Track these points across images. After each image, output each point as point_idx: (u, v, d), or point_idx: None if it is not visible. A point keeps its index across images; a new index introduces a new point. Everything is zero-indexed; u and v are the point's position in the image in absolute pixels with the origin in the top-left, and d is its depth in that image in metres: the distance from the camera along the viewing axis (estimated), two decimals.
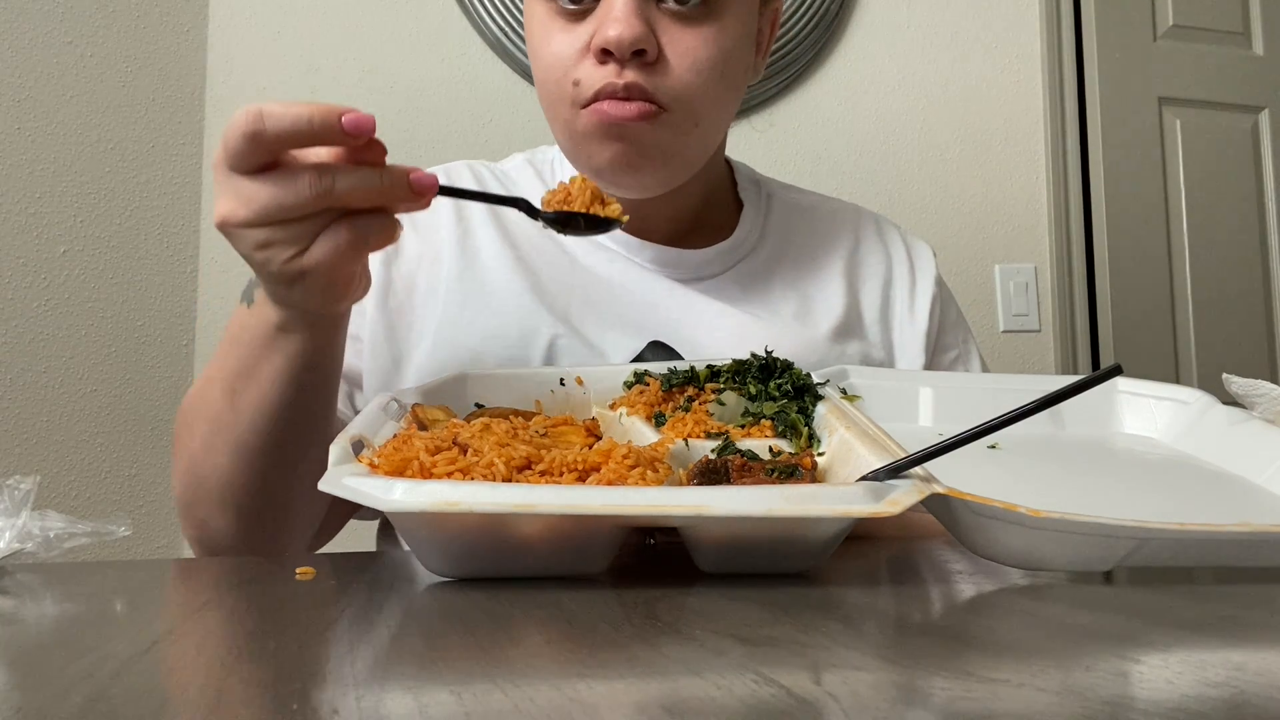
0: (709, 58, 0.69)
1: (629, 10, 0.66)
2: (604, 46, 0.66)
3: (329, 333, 0.59)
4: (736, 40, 0.72)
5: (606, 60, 0.67)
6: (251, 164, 0.49)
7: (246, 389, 0.59)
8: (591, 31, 0.68)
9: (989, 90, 2.00)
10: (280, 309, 0.56)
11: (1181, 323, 2.06)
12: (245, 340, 0.59)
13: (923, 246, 0.90)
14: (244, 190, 0.50)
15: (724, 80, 0.71)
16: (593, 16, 0.68)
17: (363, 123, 0.49)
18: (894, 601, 0.41)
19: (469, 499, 0.38)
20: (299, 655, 0.31)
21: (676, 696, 0.25)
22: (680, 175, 0.75)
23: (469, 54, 1.82)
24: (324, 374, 0.61)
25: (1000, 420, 0.43)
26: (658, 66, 0.68)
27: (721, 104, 0.73)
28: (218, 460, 0.62)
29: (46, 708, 0.24)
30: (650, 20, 0.67)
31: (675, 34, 0.68)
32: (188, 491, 0.65)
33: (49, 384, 1.55)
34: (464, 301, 0.76)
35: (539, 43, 0.72)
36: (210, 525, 0.65)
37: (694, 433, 0.55)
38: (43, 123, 1.58)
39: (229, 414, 0.60)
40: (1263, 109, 2.16)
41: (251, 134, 0.48)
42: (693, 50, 0.69)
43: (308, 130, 0.48)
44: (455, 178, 0.84)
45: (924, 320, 0.84)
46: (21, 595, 0.43)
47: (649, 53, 0.67)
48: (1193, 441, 0.60)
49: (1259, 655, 0.29)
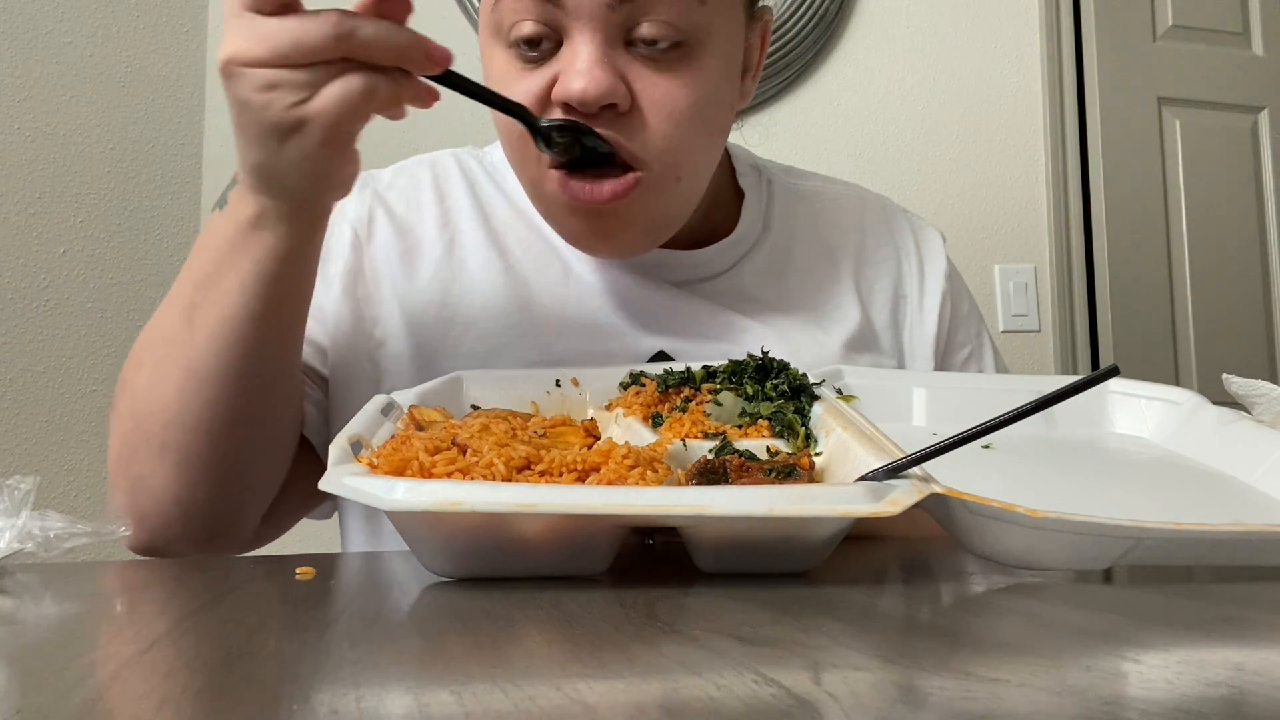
0: (687, 106, 0.62)
1: (593, 60, 0.59)
2: (566, 101, 0.60)
3: (305, 230, 0.56)
4: (718, 81, 0.65)
5: (571, 114, 0.61)
6: (273, 3, 0.48)
7: (206, 301, 0.56)
8: (553, 75, 0.61)
9: (989, 90, 2.00)
10: (258, 197, 0.54)
11: (1181, 323, 2.06)
12: (212, 245, 0.56)
13: (931, 235, 0.85)
14: (260, 28, 0.48)
15: (705, 127, 0.65)
16: (555, 60, 0.61)
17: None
18: (894, 601, 0.41)
19: (470, 498, 0.38)
20: (299, 655, 0.31)
21: (676, 696, 0.25)
22: (663, 235, 0.70)
23: (469, 54, 1.82)
24: (293, 289, 0.57)
25: (999, 420, 0.43)
26: (631, 118, 0.61)
27: (704, 153, 0.68)
28: (163, 391, 0.57)
29: (46, 708, 0.24)
30: (620, 67, 0.60)
31: (649, 80, 0.61)
32: (125, 441, 0.59)
33: (49, 384, 1.55)
34: (446, 327, 0.71)
35: (497, 86, 0.62)
36: (146, 484, 0.59)
37: (691, 433, 0.55)
38: (43, 123, 1.58)
39: (183, 332, 0.56)
40: (1262, 109, 2.16)
41: None
42: (669, 99, 0.61)
43: None
44: (440, 169, 0.80)
45: (933, 323, 0.80)
46: (21, 595, 0.43)
47: (620, 105, 0.60)
48: (1184, 442, 0.60)
49: (1259, 655, 0.29)
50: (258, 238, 0.55)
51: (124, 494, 0.61)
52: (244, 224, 0.55)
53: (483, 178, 0.80)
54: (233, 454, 0.59)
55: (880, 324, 0.80)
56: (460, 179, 0.79)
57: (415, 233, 0.76)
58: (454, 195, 0.78)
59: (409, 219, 0.76)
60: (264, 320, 0.56)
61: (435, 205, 0.77)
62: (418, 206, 0.77)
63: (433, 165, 0.81)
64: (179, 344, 0.57)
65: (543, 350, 0.71)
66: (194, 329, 0.56)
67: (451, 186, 0.79)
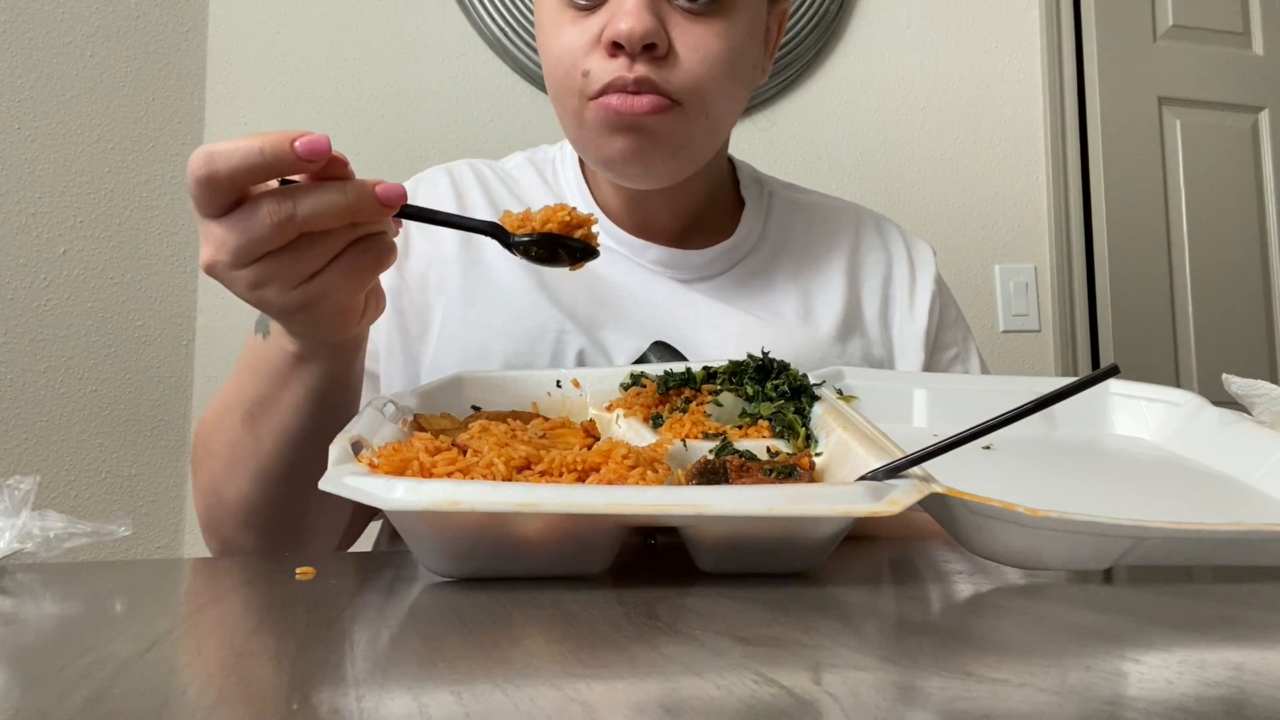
0: (719, 52, 0.69)
1: (640, 5, 0.67)
2: (615, 40, 0.67)
3: (347, 357, 0.59)
4: (746, 36, 0.72)
5: (617, 54, 0.68)
6: (216, 206, 0.47)
7: (265, 417, 0.59)
8: (602, 24, 0.68)
9: (989, 90, 2.00)
10: (296, 340, 0.56)
11: (1181, 323, 2.06)
12: (263, 370, 0.59)
13: (922, 245, 0.90)
14: (215, 234, 0.48)
15: (733, 74, 0.71)
16: (604, 9, 0.69)
17: (317, 145, 0.46)
18: (894, 601, 0.41)
19: (471, 498, 0.38)
20: (299, 655, 0.31)
21: (676, 696, 0.25)
22: (688, 167, 0.75)
23: (469, 54, 1.82)
24: (344, 397, 0.61)
25: (999, 420, 0.43)
26: (668, 61, 0.68)
27: (731, 97, 0.73)
28: (239, 484, 0.62)
29: (46, 708, 0.24)
30: (661, 15, 0.68)
31: (685, 28, 0.69)
32: (210, 512, 0.65)
33: (49, 384, 1.55)
34: (470, 299, 0.76)
35: (549, 35, 0.72)
36: (234, 543, 0.65)
37: (692, 434, 0.55)
38: (43, 123, 1.57)
39: (248, 440, 0.60)
40: (1263, 109, 2.16)
41: (205, 177, 0.46)
42: (703, 44, 0.69)
43: (260, 163, 0.46)
44: (457, 174, 0.84)
45: (924, 319, 0.84)
46: (21, 595, 0.43)
47: (659, 47, 0.67)
48: (1185, 442, 0.60)
49: (1259, 655, 0.29)
50: (303, 369, 0.57)
51: (216, 545, 0.68)
52: (287, 357, 0.57)
53: (497, 184, 0.84)
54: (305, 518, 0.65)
55: (870, 316, 0.84)
56: (476, 183, 0.84)
57: (440, 234, 0.79)
58: (472, 197, 0.83)
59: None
60: (319, 427, 0.59)
61: (455, 205, 0.81)
62: (439, 207, 0.80)
63: (449, 172, 0.85)
64: (246, 451, 0.61)
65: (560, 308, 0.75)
66: (258, 438, 0.60)
67: (469, 189, 0.83)
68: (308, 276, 0.50)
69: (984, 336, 1.92)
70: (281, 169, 0.47)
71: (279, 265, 0.49)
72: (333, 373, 0.58)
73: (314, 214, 0.48)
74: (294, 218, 0.47)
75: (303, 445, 0.59)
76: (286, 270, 0.49)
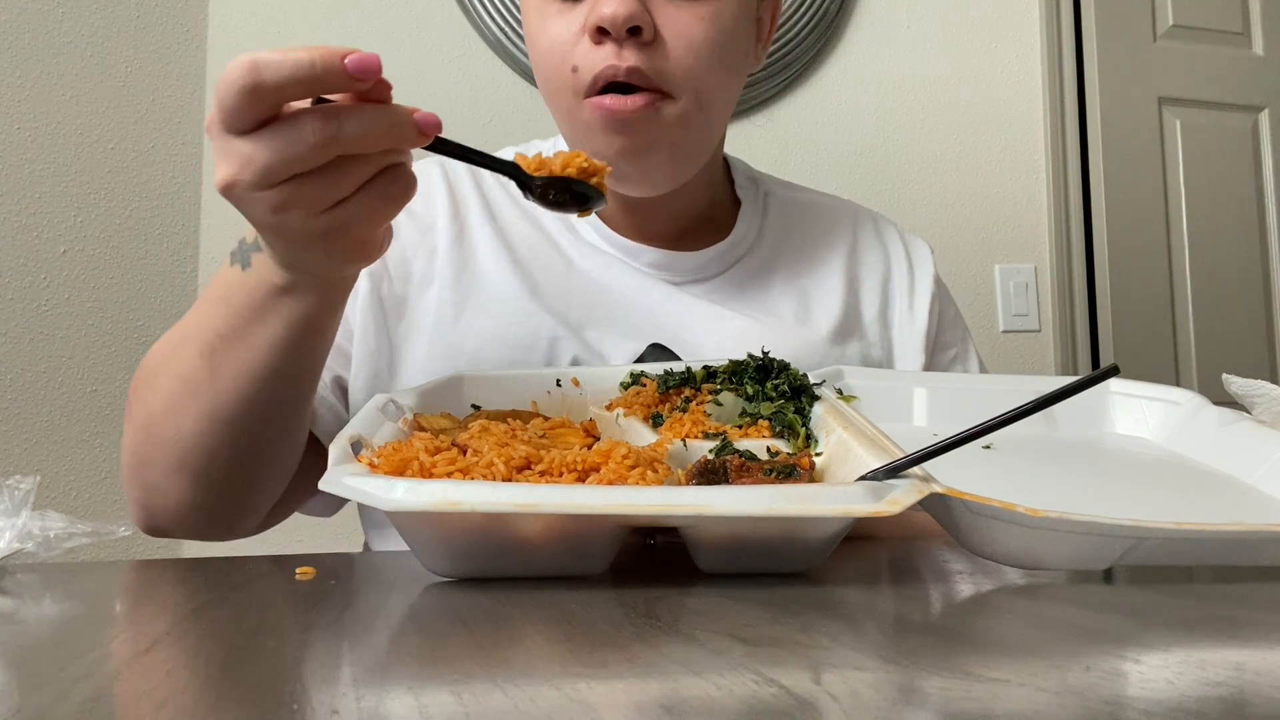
0: (707, 38, 0.68)
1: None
2: (599, 24, 0.65)
3: (336, 296, 0.56)
4: (734, 21, 0.71)
5: (602, 40, 0.66)
6: (250, 121, 0.44)
7: (231, 351, 0.56)
8: (586, 14, 0.67)
9: (989, 90, 2.00)
10: (287, 271, 0.53)
11: (1181, 323, 2.06)
12: (236, 301, 0.55)
13: (921, 245, 0.89)
14: (244, 151, 0.45)
15: (723, 62, 0.70)
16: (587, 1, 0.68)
17: (368, 62, 0.44)
18: (894, 601, 0.41)
19: (470, 498, 0.38)
20: (299, 655, 0.31)
21: (676, 696, 0.25)
22: (686, 168, 0.74)
23: (469, 54, 1.82)
24: (320, 338, 0.58)
25: (999, 420, 0.43)
26: (655, 47, 0.67)
27: (723, 87, 0.72)
28: (182, 423, 0.58)
29: (46, 708, 0.24)
30: (646, 1, 0.67)
31: (671, 13, 0.67)
32: (140, 451, 0.61)
33: (49, 384, 1.55)
34: (461, 303, 0.74)
35: (535, 30, 0.71)
36: (160, 490, 0.61)
37: (692, 433, 0.55)
38: (43, 123, 1.57)
39: (204, 374, 0.57)
40: (1263, 109, 2.16)
41: (250, 87, 0.43)
42: (689, 30, 0.68)
43: (309, 76, 0.43)
44: (449, 167, 0.82)
45: (923, 319, 0.83)
46: (21, 595, 0.43)
47: (645, 31, 0.66)
48: (1185, 442, 0.60)
49: (1259, 655, 0.29)
50: (287, 303, 0.54)
51: (136, 490, 0.63)
52: (269, 290, 0.54)
53: (488, 179, 0.83)
54: (249, 472, 0.62)
55: (869, 317, 0.83)
56: (468, 178, 0.83)
57: (432, 226, 0.78)
58: (463, 190, 0.81)
59: (426, 217, 0.79)
60: (289, 373, 0.57)
61: (447, 198, 0.80)
62: (431, 201, 0.80)
63: (441, 164, 0.83)
64: (200, 385, 0.57)
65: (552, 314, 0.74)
66: (216, 374, 0.57)
67: (461, 182, 0.82)
68: (335, 203, 0.47)
69: (984, 336, 1.92)
70: (330, 85, 0.45)
71: (308, 188, 0.46)
72: (318, 309, 0.55)
73: (359, 135, 0.45)
74: (338, 138, 0.45)
75: (266, 388, 0.56)
76: (316, 194, 0.46)
